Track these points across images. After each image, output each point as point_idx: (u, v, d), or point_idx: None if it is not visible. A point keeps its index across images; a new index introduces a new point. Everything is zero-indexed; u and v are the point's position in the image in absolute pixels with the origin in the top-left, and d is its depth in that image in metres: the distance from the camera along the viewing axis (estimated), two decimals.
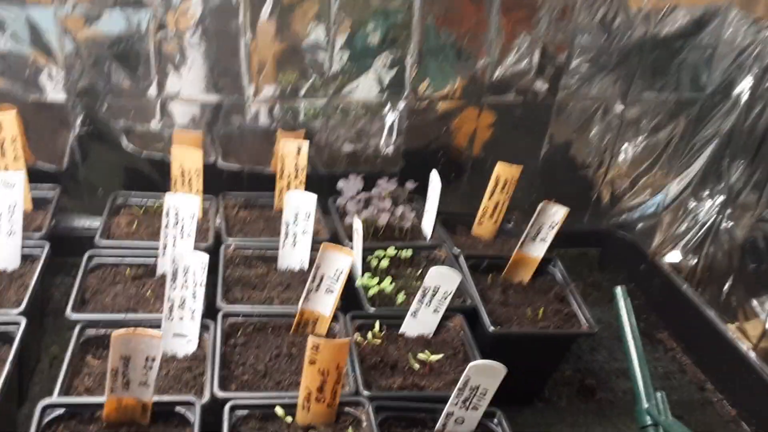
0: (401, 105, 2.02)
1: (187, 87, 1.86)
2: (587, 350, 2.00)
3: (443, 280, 1.53)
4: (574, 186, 2.31)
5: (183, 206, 1.61)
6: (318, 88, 1.95)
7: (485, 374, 1.27)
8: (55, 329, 1.81)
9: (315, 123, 2.01)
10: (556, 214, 1.73)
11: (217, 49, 1.83)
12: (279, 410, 1.30)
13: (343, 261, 1.48)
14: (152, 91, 1.84)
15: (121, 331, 1.14)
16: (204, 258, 1.42)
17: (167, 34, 1.77)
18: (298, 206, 1.70)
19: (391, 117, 2.04)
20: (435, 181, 1.89)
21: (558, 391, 1.84)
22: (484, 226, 2.01)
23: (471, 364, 1.26)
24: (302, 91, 1.95)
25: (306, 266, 1.75)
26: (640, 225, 2.37)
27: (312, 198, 1.69)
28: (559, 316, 1.69)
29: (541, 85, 2.06)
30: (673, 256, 2.30)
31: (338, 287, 1.50)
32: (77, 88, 1.80)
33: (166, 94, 1.86)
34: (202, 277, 1.42)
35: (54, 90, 1.79)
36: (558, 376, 1.87)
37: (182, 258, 1.41)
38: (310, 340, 1.24)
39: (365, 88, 1.97)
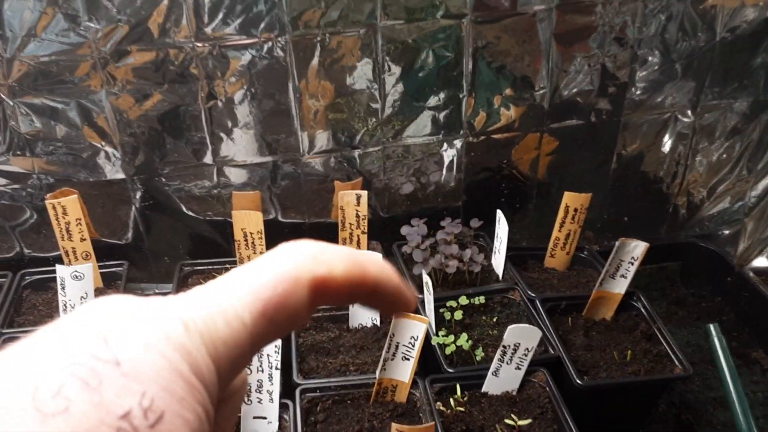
0: (458, 142, 1.95)
1: (242, 150, 1.84)
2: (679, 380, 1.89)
3: (523, 338, 1.46)
4: (647, 200, 2.19)
5: None
6: (372, 134, 1.90)
7: None
8: None
9: (372, 169, 1.96)
10: (636, 249, 1.63)
11: (268, 109, 1.80)
12: None
13: (417, 328, 1.43)
14: (207, 158, 1.83)
15: None
16: (276, 342, 1.39)
17: (217, 103, 1.75)
18: None
19: (449, 154, 1.97)
20: (502, 221, 1.82)
21: (653, 429, 1.75)
22: (557, 257, 1.93)
23: None
24: (356, 139, 1.90)
25: (378, 322, 1.72)
26: (721, 234, 2.23)
27: (377, 256, 1.65)
28: (648, 357, 1.60)
29: (604, 105, 1.96)
30: (760, 262, 2.17)
31: (415, 354, 1.45)
32: (134, 165, 1.80)
33: (221, 159, 1.85)
34: (276, 360, 1.40)
35: (112, 169, 1.79)
36: (651, 411, 1.77)
37: None
38: (395, 428, 1.20)
39: (420, 128, 1.91)
